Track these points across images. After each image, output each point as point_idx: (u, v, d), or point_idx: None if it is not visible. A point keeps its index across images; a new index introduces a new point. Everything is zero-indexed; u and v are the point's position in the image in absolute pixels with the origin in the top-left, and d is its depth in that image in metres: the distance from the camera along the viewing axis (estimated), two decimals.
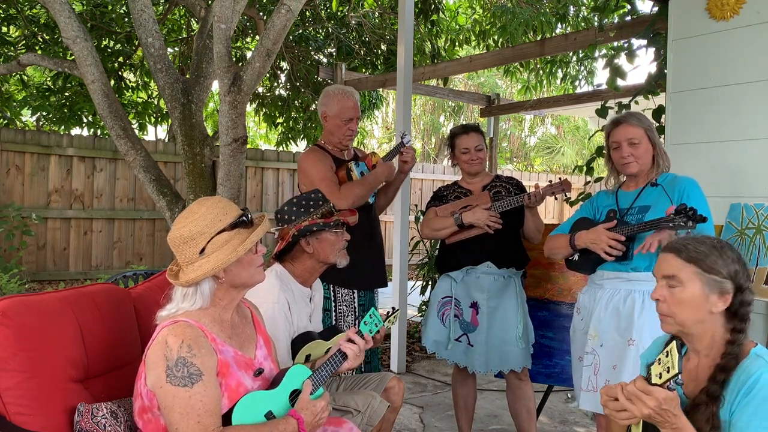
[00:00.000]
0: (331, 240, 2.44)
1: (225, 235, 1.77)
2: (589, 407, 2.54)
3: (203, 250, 1.76)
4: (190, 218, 1.78)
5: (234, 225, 1.79)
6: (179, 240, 1.77)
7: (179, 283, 1.78)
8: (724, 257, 1.60)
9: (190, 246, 1.76)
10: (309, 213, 2.42)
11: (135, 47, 8.06)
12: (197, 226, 1.76)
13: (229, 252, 1.75)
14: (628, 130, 2.49)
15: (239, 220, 1.80)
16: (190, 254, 1.77)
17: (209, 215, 1.78)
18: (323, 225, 2.38)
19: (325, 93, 3.22)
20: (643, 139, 2.48)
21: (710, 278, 1.59)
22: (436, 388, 4.55)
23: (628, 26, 4.28)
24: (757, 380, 1.49)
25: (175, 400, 1.65)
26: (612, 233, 2.43)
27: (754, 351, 1.57)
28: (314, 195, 2.49)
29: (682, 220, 2.22)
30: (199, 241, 1.76)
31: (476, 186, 3.18)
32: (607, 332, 2.47)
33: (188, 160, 4.46)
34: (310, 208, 2.44)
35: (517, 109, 8.74)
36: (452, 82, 12.74)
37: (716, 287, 1.59)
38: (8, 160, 7.28)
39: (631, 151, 2.48)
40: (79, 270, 7.76)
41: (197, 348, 1.69)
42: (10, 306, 1.77)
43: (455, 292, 3.09)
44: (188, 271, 1.77)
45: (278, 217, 2.48)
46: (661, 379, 1.43)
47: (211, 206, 1.80)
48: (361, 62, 8.40)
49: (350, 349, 2.07)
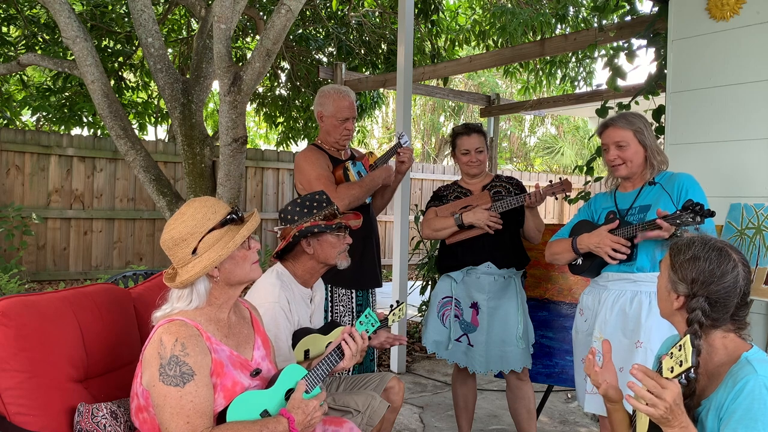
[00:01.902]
0: (333, 242, 2.43)
1: (216, 233, 1.78)
2: (594, 410, 2.51)
3: (195, 250, 1.77)
4: (179, 220, 1.79)
5: (224, 222, 1.80)
6: (171, 242, 1.79)
7: (175, 286, 1.78)
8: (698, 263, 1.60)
9: (182, 247, 1.77)
10: (312, 214, 2.42)
11: (135, 47, 8.06)
12: (187, 227, 1.77)
13: (221, 249, 1.76)
14: (616, 132, 2.48)
15: (228, 217, 1.81)
16: (182, 255, 1.78)
17: (198, 215, 1.79)
18: (325, 227, 2.38)
19: (320, 93, 3.22)
20: (631, 142, 2.46)
21: (673, 275, 1.63)
22: (436, 388, 4.55)
23: (628, 26, 4.28)
24: (743, 388, 1.47)
25: (166, 400, 1.66)
26: (615, 236, 2.41)
27: (746, 355, 1.55)
28: (318, 196, 2.49)
29: (690, 216, 2.19)
30: (190, 241, 1.77)
31: (476, 186, 3.18)
32: (613, 334, 2.44)
33: (188, 160, 4.46)
34: (314, 209, 2.44)
35: (517, 109, 8.74)
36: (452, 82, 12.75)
37: (673, 286, 1.63)
38: (8, 160, 7.28)
39: (618, 154, 2.48)
40: (79, 270, 7.76)
41: (191, 347, 1.69)
42: (10, 306, 1.77)
43: (455, 293, 3.09)
44: (183, 272, 1.78)
45: (281, 216, 2.48)
46: (673, 373, 1.41)
47: (199, 206, 1.81)
48: (361, 62, 8.40)
49: (348, 349, 2.07)
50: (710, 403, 1.54)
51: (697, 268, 1.59)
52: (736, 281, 1.57)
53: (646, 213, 2.44)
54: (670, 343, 1.84)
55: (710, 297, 1.57)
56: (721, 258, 1.59)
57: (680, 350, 1.40)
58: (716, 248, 1.61)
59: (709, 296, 1.57)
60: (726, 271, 1.57)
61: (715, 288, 1.57)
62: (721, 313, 1.57)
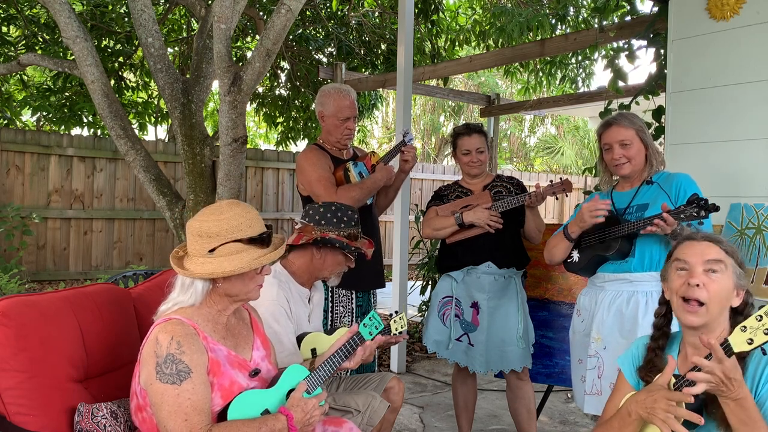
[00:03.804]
0: (340, 261, 2.47)
1: (239, 245, 1.78)
2: (593, 411, 2.51)
3: (213, 250, 1.77)
4: (216, 216, 1.79)
5: (251, 240, 1.80)
6: (197, 231, 1.78)
7: (178, 270, 1.79)
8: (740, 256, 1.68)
9: (204, 241, 1.77)
10: (339, 227, 2.44)
11: (135, 47, 8.05)
12: (219, 226, 1.77)
13: (238, 263, 1.76)
14: (619, 131, 2.48)
15: (257, 237, 1.81)
16: (199, 248, 1.78)
17: (233, 221, 1.78)
18: (346, 246, 2.40)
19: (321, 92, 3.21)
20: (634, 140, 2.47)
21: (741, 272, 1.65)
22: (436, 388, 4.55)
23: (628, 26, 4.27)
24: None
25: (163, 398, 1.66)
26: (597, 201, 2.40)
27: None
28: (351, 212, 2.51)
29: (694, 211, 2.18)
30: (214, 241, 1.77)
31: (477, 186, 3.18)
32: (611, 334, 2.44)
33: (188, 160, 4.45)
34: (342, 222, 2.46)
35: (517, 109, 8.74)
36: (452, 82, 12.74)
37: (740, 282, 1.64)
38: (8, 160, 7.28)
39: (623, 153, 2.48)
40: (79, 270, 7.76)
41: (187, 345, 1.69)
42: (10, 306, 1.77)
43: (456, 292, 3.09)
44: (191, 262, 1.79)
45: (310, 213, 2.48)
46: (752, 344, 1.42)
47: (239, 214, 1.80)
48: (361, 62, 8.40)
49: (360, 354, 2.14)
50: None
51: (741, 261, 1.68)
52: None
53: (643, 212, 2.44)
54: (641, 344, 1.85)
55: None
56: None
57: (760, 320, 1.41)
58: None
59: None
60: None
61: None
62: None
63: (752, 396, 1.52)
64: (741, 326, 1.44)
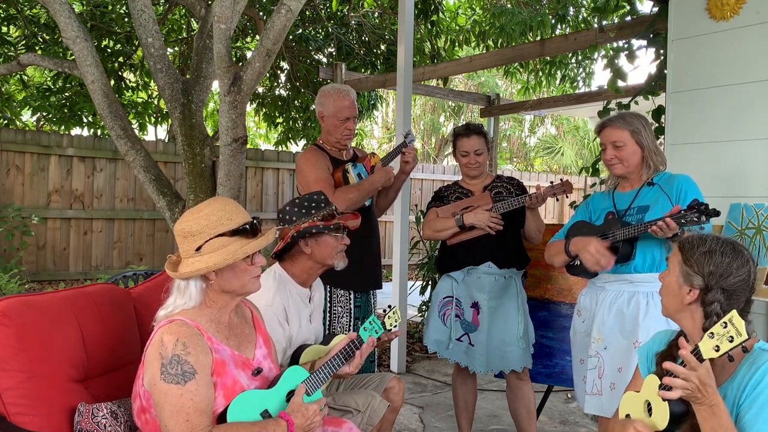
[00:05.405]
0: (331, 243, 2.43)
1: (224, 239, 1.79)
2: (594, 411, 2.51)
3: (199, 248, 1.78)
4: (195, 215, 1.80)
5: (234, 232, 1.80)
6: (180, 233, 1.81)
7: (172, 274, 1.80)
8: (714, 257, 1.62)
9: (189, 241, 1.79)
10: (310, 214, 2.42)
11: (135, 47, 8.05)
12: (198, 224, 1.78)
13: (222, 256, 1.76)
14: (613, 132, 2.49)
15: (240, 228, 1.81)
16: (187, 248, 1.80)
17: (212, 217, 1.79)
18: (323, 227, 2.38)
19: (321, 92, 3.20)
20: (628, 142, 2.47)
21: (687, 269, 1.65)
22: (436, 388, 4.55)
23: (628, 26, 4.27)
24: (765, 373, 1.51)
25: (166, 398, 1.66)
26: (600, 242, 2.40)
27: (758, 345, 1.59)
28: (317, 196, 2.48)
29: (695, 216, 2.18)
30: (198, 239, 1.78)
31: (477, 186, 3.18)
32: (612, 335, 2.45)
33: (188, 160, 4.45)
34: (312, 209, 2.43)
35: (517, 109, 8.74)
36: (452, 82, 12.74)
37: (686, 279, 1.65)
38: (8, 160, 7.28)
39: (615, 154, 2.48)
40: (79, 270, 7.76)
41: (192, 346, 1.70)
42: (10, 306, 1.77)
43: (456, 292, 3.09)
44: (183, 265, 1.80)
45: (280, 217, 2.48)
46: (719, 351, 1.42)
47: (218, 208, 1.81)
48: (361, 62, 8.40)
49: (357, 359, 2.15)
50: (724, 391, 1.57)
51: (714, 261, 1.62)
52: (748, 276, 1.62)
53: (644, 214, 2.44)
54: (662, 338, 1.85)
55: (727, 289, 1.61)
56: (735, 252, 1.63)
57: (725, 327, 1.42)
58: (729, 243, 1.66)
59: (726, 288, 1.61)
60: (741, 264, 1.62)
61: (732, 281, 1.61)
62: (733, 307, 1.60)
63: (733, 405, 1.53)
64: (709, 333, 1.45)
